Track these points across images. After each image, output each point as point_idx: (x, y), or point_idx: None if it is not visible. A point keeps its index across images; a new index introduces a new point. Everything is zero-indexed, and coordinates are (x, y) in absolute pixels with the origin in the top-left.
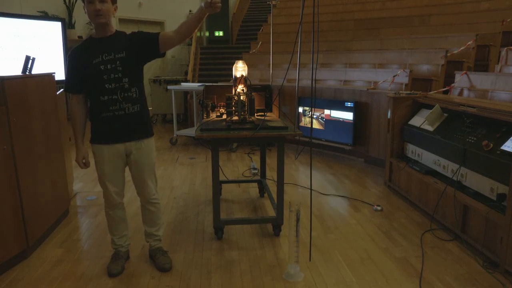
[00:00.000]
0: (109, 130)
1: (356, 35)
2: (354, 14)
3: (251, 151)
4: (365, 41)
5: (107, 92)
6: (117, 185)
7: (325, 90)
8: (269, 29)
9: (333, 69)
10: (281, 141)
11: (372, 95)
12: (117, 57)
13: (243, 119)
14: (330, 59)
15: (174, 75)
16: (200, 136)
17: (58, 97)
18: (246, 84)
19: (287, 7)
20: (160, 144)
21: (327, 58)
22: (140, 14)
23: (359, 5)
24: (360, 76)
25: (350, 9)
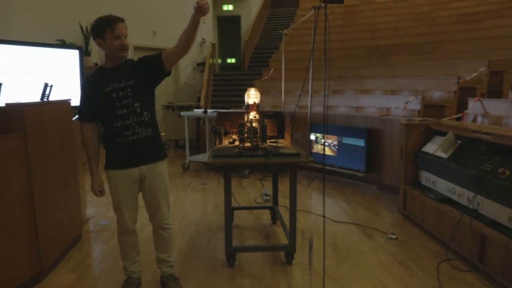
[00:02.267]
0: (123, 155)
1: (367, 62)
2: (365, 41)
3: (263, 177)
4: (376, 67)
5: (120, 118)
6: (131, 211)
7: (337, 117)
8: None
9: (345, 95)
10: (293, 168)
11: (384, 121)
12: (127, 84)
13: (255, 146)
14: (342, 85)
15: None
16: (213, 162)
17: (73, 123)
18: (259, 111)
19: (298, 35)
20: (173, 169)
21: (339, 84)
22: (155, 42)
23: (369, 33)
24: (371, 102)
25: (361, 37)
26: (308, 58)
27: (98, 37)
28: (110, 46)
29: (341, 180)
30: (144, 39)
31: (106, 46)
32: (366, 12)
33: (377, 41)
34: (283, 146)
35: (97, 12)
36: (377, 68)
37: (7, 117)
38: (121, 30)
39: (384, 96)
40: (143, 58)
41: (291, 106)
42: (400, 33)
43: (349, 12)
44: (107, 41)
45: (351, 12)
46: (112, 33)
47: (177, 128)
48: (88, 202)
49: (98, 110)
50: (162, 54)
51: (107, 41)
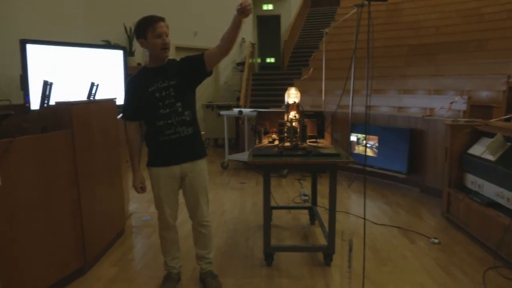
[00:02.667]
0: (165, 153)
1: (410, 61)
2: (408, 39)
3: (301, 177)
4: (419, 67)
5: (162, 117)
6: (172, 208)
7: (378, 117)
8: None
9: (387, 95)
10: (333, 168)
11: (428, 122)
12: (170, 84)
13: (295, 146)
14: (384, 85)
15: (226, 100)
16: (253, 161)
17: (118, 121)
18: (299, 110)
19: (338, 34)
20: (212, 168)
21: (381, 84)
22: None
23: (412, 31)
24: (414, 102)
25: (404, 35)
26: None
27: (140, 37)
28: (152, 45)
29: (381, 181)
30: (185, 39)
31: (148, 45)
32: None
33: (421, 39)
34: (323, 146)
35: (140, 13)
36: (421, 67)
37: (57, 115)
38: (162, 29)
39: (428, 96)
40: (186, 58)
41: (331, 106)
42: (444, 31)
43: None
44: (149, 40)
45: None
46: (154, 32)
47: (217, 127)
48: (131, 197)
49: (142, 109)
50: (204, 54)
51: (149, 41)
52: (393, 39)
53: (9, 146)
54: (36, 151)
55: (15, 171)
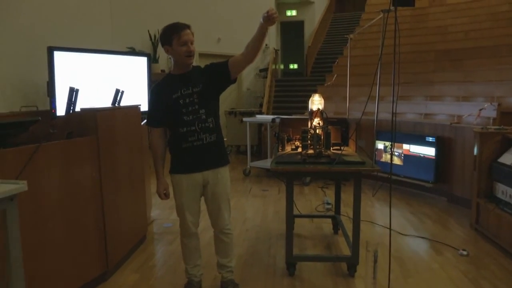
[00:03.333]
0: (188, 160)
1: (438, 67)
2: (435, 45)
3: (324, 185)
4: (447, 72)
5: (185, 124)
6: (194, 215)
7: (404, 124)
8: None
9: (413, 101)
10: (358, 176)
11: (456, 129)
12: (194, 91)
13: (319, 153)
14: (410, 91)
15: (249, 107)
16: (276, 169)
17: (142, 128)
18: (322, 117)
19: (363, 39)
20: (234, 174)
21: (406, 90)
22: (219, 49)
23: (439, 36)
24: (442, 109)
25: (431, 40)
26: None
27: (166, 44)
28: (177, 52)
29: (407, 190)
30: (208, 46)
31: (173, 52)
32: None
33: (448, 44)
34: (347, 153)
35: (164, 20)
36: (449, 73)
37: (82, 121)
38: (187, 37)
39: (456, 103)
40: (210, 65)
41: (355, 113)
42: (473, 36)
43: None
44: (174, 47)
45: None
46: (179, 39)
47: (239, 134)
48: (153, 204)
49: (166, 116)
50: (229, 62)
51: (174, 48)
52: (419, 44)
53: (36, 151)
54: (62, 156)
55: (41, 176)
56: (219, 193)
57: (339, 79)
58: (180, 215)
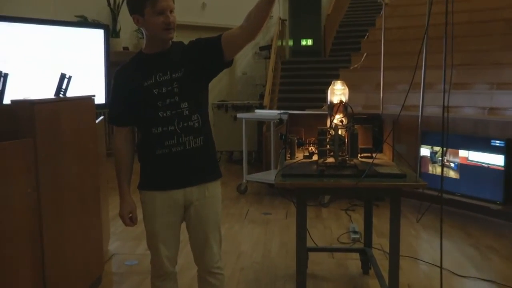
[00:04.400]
0: (164, 171)
1: (507, 42)
2: (504, 11)
3: (350, 207)
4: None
5: (161, 123)
6: (171, 248)
7: (460, 122)
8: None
9: (473, 91)
10: (396, 194)
11: None
12: (174, 77)
13: (341, 162)
14: (468, 76)
15: (245, 98)
16: (282, 184)
17: (97, 126)
18: (347, 113)
19: (403, 5)
20: (225, 192)
21: (464, 75)
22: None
23: None
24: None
25: (498, 5)
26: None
27: (135, 13)
28: (151, 24)
29: (465, 214)
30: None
31: (146, 24)
32: None
33: None
34: (381, 163)
35: None
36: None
37: (13, 118)
38: (165, 3)
39: None
40: (197, 42)
41: (392, 107)
42: None
43: None
44: (147, 17)
45: None
46: (154, 7)
47: (231, 136)
48: (112, 233)
49: (134, 111)
50: (223, 37)
51: (147, 18)
52: (482, 11)
53: None
54: None
55: None
56: (206, 218)
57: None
58: (152, 248)
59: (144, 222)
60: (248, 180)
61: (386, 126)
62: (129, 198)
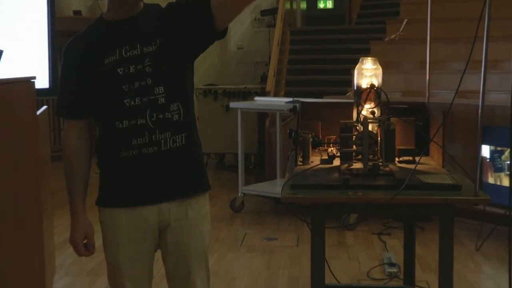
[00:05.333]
0: (131, 181)
1: None
2: None
3: (384, 230)
4: None
5: (128, 114)
6: (139, 285)
7: None
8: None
9: None
10: (447, 213)
11: None
12: (145, 51)
13: (373, 169)
14: None
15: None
16: (291, 198)
17: (39, 120)
18: (380, 101)
19: None
20: (214, 209)
21: None
22: None
23: None
24: None
25: None
26: None
27: None
28: None
29: None
30: None
31: None
32: None
33: None
34: (426, 169)
35: None
36: None
37: None
38: None
39: None
40: (178, 4)
41: (442, 93)
42: None
43: None
44: None
45: None
46: None
47: (223, 133)
48: (59, 266)
49: (91, 98)
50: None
51: None
52: None
53: None
54: None
55: None
56: (188, 246)
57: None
58: (114, 286)
59: (104, 251)
60: (245, 193)
61: (433, 120)
62: (84, 217)
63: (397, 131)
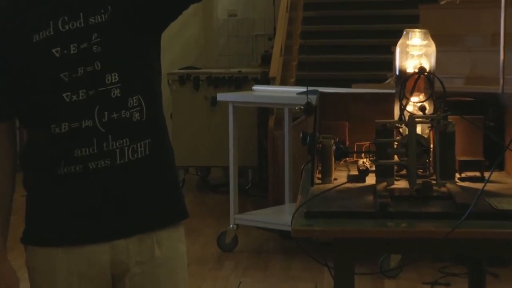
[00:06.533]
0: (72, 209)
1: None
2: None
3: (440, 277)
4: None
5: (68, 114)
6: None
7: None
8: None
9: None
10: None
11: None
12: (91, 23)
13: (423, 189)
14: None
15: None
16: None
17: None
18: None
19: None
20: (194, 248)
21: None
22: None
23: None
24: None
25: None
26: None
27: None
28: None
29: None
30: None
31: None
32: None
33: None
34: (500, 190)
35: None
36: None
37: None
38: None
39: None
40: None
41: None
42: None
43: None
44: None
45: None
46: None
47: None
48: None
49: (15, 91)
50: None
51: None
52: None
53: None
54: None
55: None
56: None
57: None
58: None
59: None
60: (239, 225)
61: (511, 118)
62: (4, 262)
63: (458, 134)
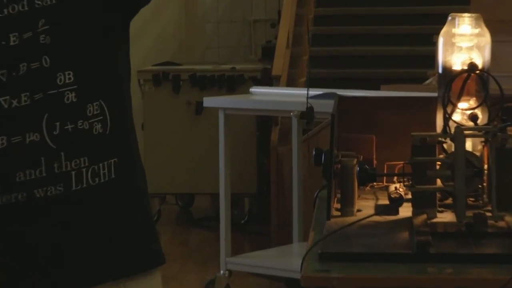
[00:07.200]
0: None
1: None
2: None
3: None
4: None
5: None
6: None
7: None
8: None
9: None
10: None
11: None
12: (38, 6)
13: (475, 223)
14: None
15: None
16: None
17: None
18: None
19: None
20: None
21: None
22: None
23: None
24: None
25: None
26: None
27: None
28: None
29: None
30: None
31: None
32: None
33: None
34: None
35: None
36: None
37: None
38: None
39: None
40: None
41: None
42: None
43: None
44: None
45: None
46: None
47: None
48: None
49: None
50: None
51: None
52: None
53: None
54: None
55: None
56: None
57: None
58: None
59: None
60: (232, 270)
61: None
62: None
63: None
